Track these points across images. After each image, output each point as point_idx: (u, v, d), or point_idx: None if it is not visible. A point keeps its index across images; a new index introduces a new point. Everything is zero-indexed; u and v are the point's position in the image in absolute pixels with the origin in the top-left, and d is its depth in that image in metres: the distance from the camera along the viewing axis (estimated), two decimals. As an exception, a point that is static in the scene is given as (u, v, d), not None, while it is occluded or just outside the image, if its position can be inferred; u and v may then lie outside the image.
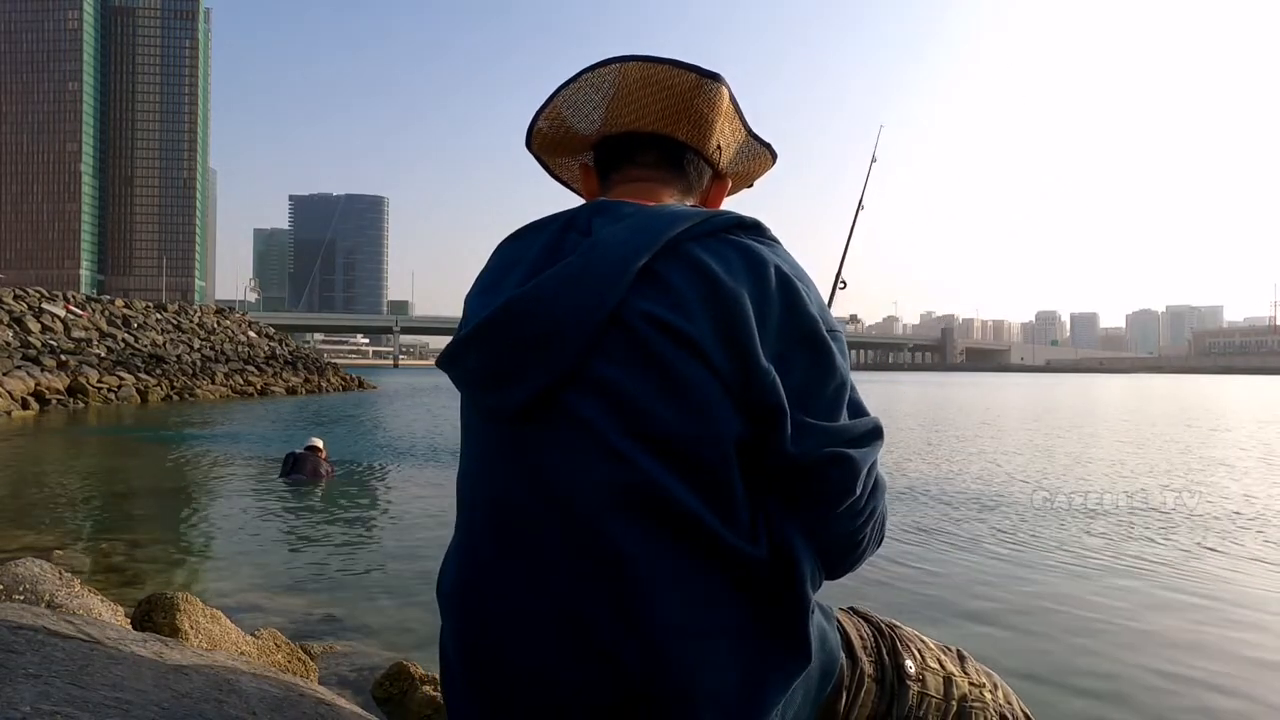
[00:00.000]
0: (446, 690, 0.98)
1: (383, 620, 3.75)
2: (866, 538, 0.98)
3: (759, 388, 0.87)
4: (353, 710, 1.47)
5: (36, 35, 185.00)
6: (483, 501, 0.94)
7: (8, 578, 2.41)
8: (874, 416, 0.97)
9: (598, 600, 0.84)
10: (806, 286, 0.95)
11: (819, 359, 0.92)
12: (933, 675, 1.07)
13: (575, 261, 0.90)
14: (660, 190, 1.08)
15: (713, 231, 0.94)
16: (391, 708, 2.57)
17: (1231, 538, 5.81)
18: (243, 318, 40.29)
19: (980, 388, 47.82)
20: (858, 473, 0.92)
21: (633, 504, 0.85)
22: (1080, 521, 6.34)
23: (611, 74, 1.06)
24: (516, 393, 0.89)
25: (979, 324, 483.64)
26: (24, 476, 8.63)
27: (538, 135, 1.16)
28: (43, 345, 22.83)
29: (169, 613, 2.51)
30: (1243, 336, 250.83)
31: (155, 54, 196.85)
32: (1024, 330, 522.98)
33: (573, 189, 1.27)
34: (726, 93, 1.06)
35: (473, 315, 0.94)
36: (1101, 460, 10.80)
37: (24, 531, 5.60)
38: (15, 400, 17.67)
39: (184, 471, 9.13)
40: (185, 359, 27.62)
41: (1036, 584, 4.52)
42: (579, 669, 0.85)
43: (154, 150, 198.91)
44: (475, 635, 0.92)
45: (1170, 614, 4.01)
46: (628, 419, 0.86)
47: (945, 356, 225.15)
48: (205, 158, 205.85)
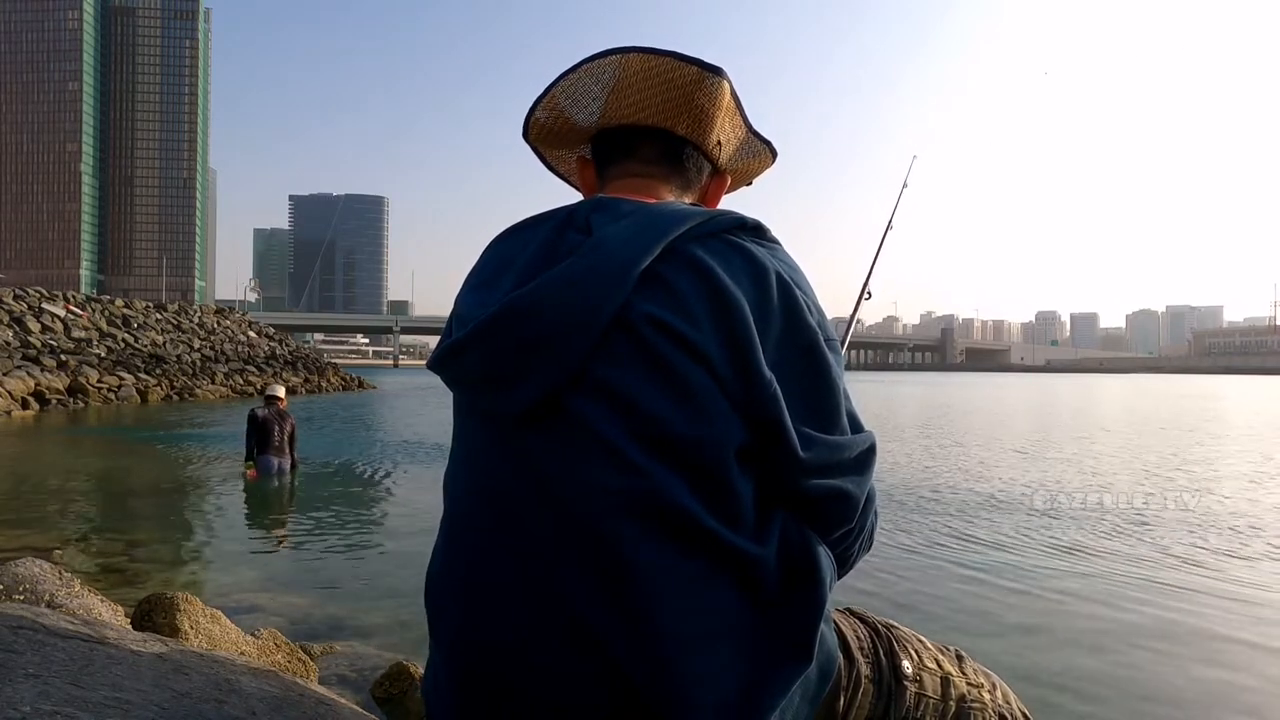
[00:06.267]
0: (431, 692, 0.97)
1: (383, 620, 3.75)
2: (855, 553, 1.00)
3: (760, 398, 0.87)
4: (353, 710, 1.47)
5: (36, 35, 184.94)
6: (477, 496, 0.94)
7: (8, 578, 2.41)
8: (869, 432, 0.98)
9: (598, 602, 0.84)
10: (806, 294, 0.95)
11: (817, 370, 0.93)
12: (930, 676, 1.06)
13: (577, 262, 0.89)
14: (659, 186, 1.08)
15: (714, 232, 0.94)
16: (391, 708, 2.57)
17: (1237, 538, 5.80)
18: (243, 318, 40.28)
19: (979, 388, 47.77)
20: (857, 506, 0.95)
21: (635, 506, 0.84)
22: (1081, 522, 6.34)
23: (612, 65, 1.04)
24: (519, 395, 0.88)
25: (979, 324, 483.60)
26: (24, 476, 8.63)
27: (535, 126, 1.14)
28: (43, 345, 22.81)
29: (169, 613, 2.52)
30: (1243, 336, 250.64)
31: (155, 54, 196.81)
32: (1024, 330, 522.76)
33: (570, 182, 1.25)
34: (728, 88, 1.05)
35: (467, 314, 0.93)
36: (1101, 461, 10.79)
37: (24, 531, 5.60)
38: (15, 400, 17.66)
39: (184, 471, 9.12)
40: (185, 359, 27.60)
41: (1036, 584, 4.52)
42: (578, 670, 0.84)
43: (154, 150, 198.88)
44: (468, 634, 0.91)
45: (1171, 614, 4.01)
46: (630, 421, 0.86)
47: (945, 357, 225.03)
48: (205, 158, 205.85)
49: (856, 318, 1.98)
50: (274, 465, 7.99)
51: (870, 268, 2.05)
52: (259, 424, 8.01)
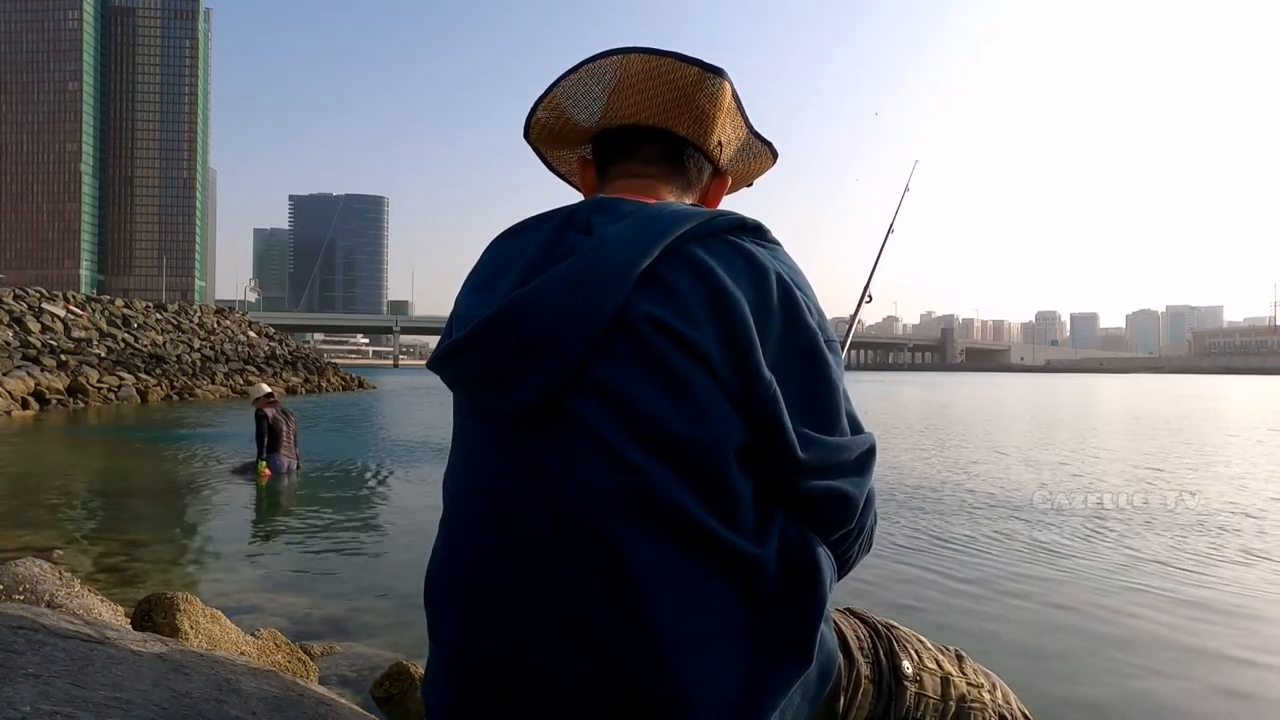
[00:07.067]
0: (431, 692, 0.97)
1: (383, 620, 3.75)
2: (855, 554, 1.00)
3: (760, 398, 0.87)
4: (353, 710, 1.47)
5: (36, 35, 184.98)
6: (477, 496, 0.94)
7: (8, 578, 2.41)
8: (869, 433, 0.98)
9: (598, 602, 0.84)
10: (806, 295, 0.95)
11: (817, 371, 0.93)
12: (930, 676, 1.06)
13: (577, 262, 0.89)
14: (659, 186, 1.08)
15: (715, 233, 0.94)
16: (391, 708, 2.58)
17: (1240, 538, 5.80)
18: (243, 318, 40.27)
19: (979, 388, 47.77)
20: (856, 507, 0.95)
21: (633, 506, 0.84)
22: (1081, 522, 6.34)
23: (613, 65, 1.04)
24: (519, 395, 0.88)
25: (979, 324, 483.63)
26: (24, 476, 8.63)
27: (536, 126, 1.15)
28: (43, 345, 22.81)
29: (169, 613, 2.52)
30: (1243, 336, 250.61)
31: (155, 54, 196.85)
32: (1024, 330, 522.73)
33: (570, 182, 1.26)
34: (729, 88, 1.05)
35: (467, 314, 0.93)
36: (1101, 461, 10.79)
37: (24, 531, 5.60)
38: (15, 400, 17.66)
39: (184, 471, 9.12)
40: (185, 359, 27.60)
41: (1036, 584, 4.52)
42: (578, 670, 0.84)
43: (154, 150, 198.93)
44: (468, 634, 0.91)
45: (1171, 614, 4.01)
46: (630, 421, 0.86)
47: (945, 357, 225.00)
48: (205, 158, 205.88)
49: (857, 318, 1.99)
50: (285, 464, 8.19)
51: (871, 271, 2.06)
52: (270, 425, 8.11)
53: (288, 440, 8.26)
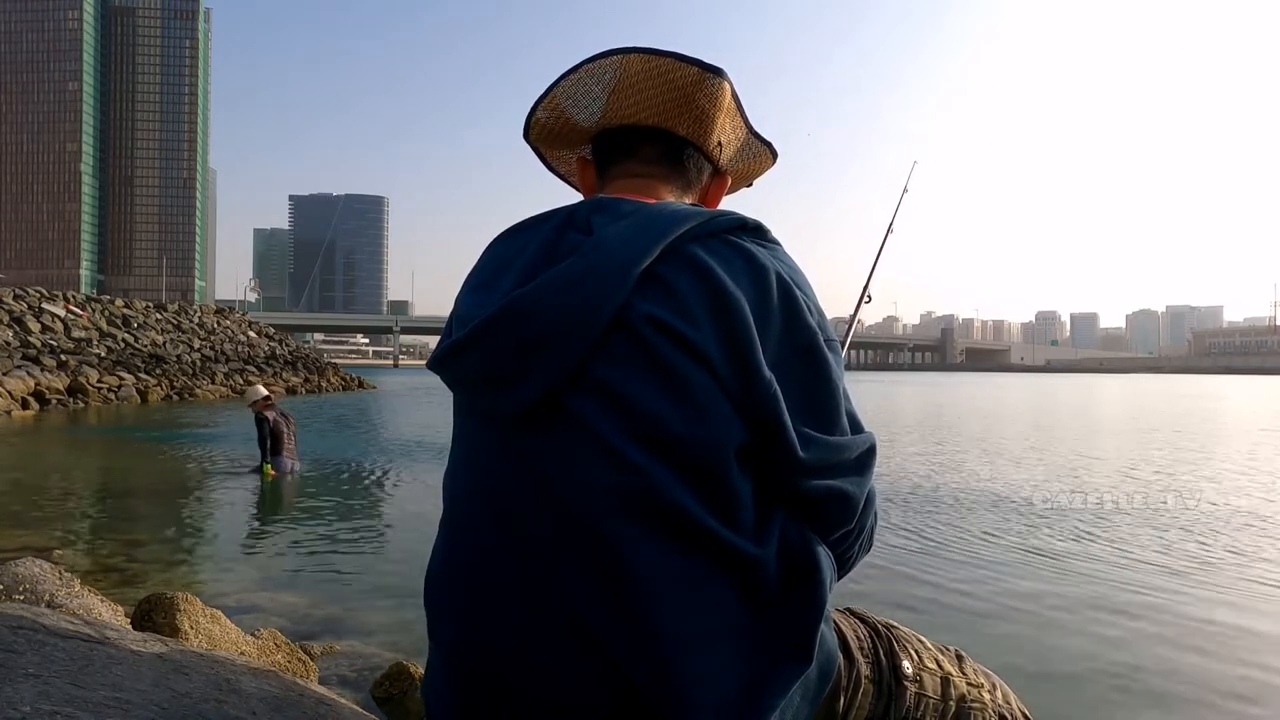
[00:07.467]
0: (431, 692, 0.97)
1: (383, 620, 3.75)
2: (855, 554, 1.00)
3: (760, 398, 0.87)
4: (353, 710, 1.47)
5: (36, 35, 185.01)
6: (477, 496, 0.94)
7: (8, 578, 2.42)
8: (869, 433, 0.98)
9: (598, 602, 0.84)
10: (806, 295, 0.95)
11: (817, 370, 0.93)
12: (930, 676, 1.06)
13: (577, 262, 0.89)
14: (659, 186, 1.08)
15: (715, 233, 0.94)
16: (391, 708, 2.58)
17: (1239, 539, 5.80)
18: (243, 318, 40.28)
19: (979, 388, 47.78)
20: (856, 507, 0.95)
21: (633, 506, 0.84)
22: (1081, 523, 6.34)
23: (613, 65, 1.04)
24: (519, 395, 0.88)
25: (979, 324, 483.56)
26: (24, 476, 8.63)
27: (536, 126, 1.15)
28: (43, 345, 22.81)
29: (169, 613, 2.52)
30: (1243, 336, 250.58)
31: (155, 54, 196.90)
32: (1024, 330, 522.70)
33: (570, 183, 1.26)
34: (729, 88, 1.05)
35: (467, 314, 0.93)
36: (1101, 462, 10.79)
37: (24, 531, 5.60)
38: (15, 400, 17.66)
39: (184, 471, 9.12)
40: (185, 359, 27.60)
41: (1037, 584, 4.52)
42: (578, 670, 0.84)
43: (154, 150, 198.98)
44: (468, 634, 0.91)
45: (1172, 614, 4.01)
46: (630, 421, 0.86)
47: (945, 356, 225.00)
48: (205, 158, 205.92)
49: (857, 318, 1.99)
50: (288, 466, 8.30)
51: (870, 271, 2.06)
52: (272, 427, 8.18)
53: (289, 442, 8.36)
